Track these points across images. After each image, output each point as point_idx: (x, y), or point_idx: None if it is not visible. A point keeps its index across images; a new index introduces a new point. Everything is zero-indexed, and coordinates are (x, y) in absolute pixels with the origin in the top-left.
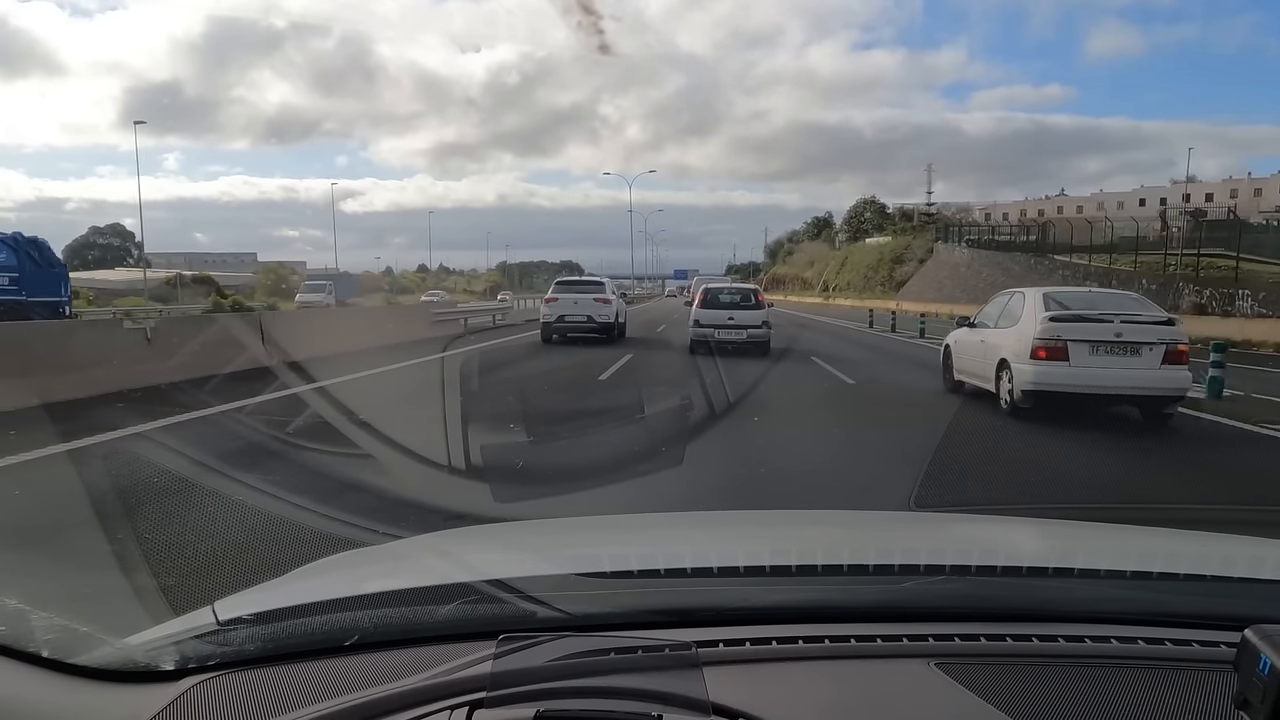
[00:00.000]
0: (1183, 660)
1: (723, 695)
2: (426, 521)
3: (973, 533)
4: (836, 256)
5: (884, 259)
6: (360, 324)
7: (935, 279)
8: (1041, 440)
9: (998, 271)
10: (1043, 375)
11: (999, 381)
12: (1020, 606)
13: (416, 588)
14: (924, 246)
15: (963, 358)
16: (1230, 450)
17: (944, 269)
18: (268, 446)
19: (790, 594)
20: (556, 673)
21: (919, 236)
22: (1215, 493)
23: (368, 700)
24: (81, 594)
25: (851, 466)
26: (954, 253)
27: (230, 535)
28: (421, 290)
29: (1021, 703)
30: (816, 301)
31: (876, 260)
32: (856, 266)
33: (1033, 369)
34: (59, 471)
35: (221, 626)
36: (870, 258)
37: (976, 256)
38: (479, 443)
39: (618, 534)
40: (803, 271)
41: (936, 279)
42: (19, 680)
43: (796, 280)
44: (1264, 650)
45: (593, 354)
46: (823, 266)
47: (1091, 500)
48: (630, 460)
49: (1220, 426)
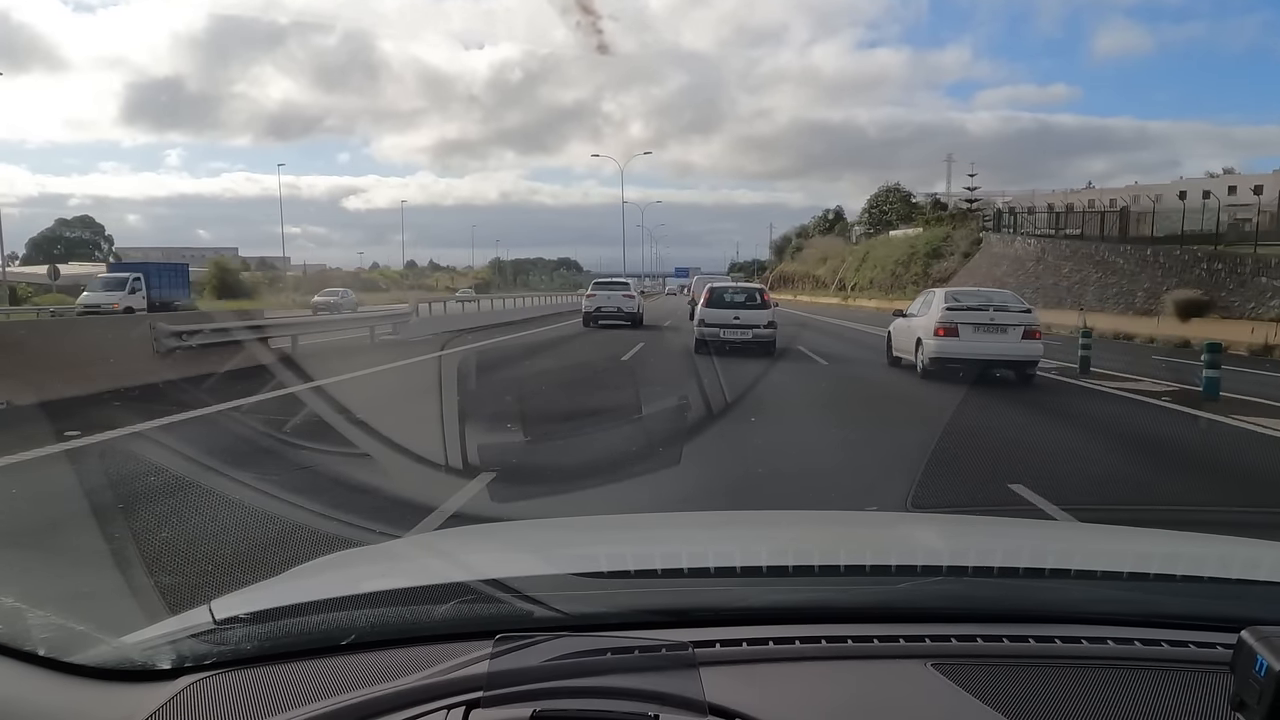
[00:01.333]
0: (1179, 661)
1: (719, 695)
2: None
3: (969, 533)
4: (855, 252)
5: (916, 253)
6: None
7: (990, 275)
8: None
9: (1086, 265)
10: (942, 347)
11: (916, 354)
12: (1017, 607)
13: (413, 587)
14: (967, 238)
15: (897, 340)
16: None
17: (1002, 263)
18: None
19: (787, 594)
20: (553, 673)
21: (961, 227)
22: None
23: (364, 700)
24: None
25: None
26: (1013, 245)
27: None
28: (397, 287)
29: (1018, 704)
30: (832, 302)
31: (907, 254)
32: (881, 262)
33: (936, 343)
34: None
35: (218, 625)
36: (898, 252)
37: (1049, 248)
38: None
39: (615, 534)
40: (814, 269)
41: (993, 275)
42: (15, 679)
43: (807, 278)
44: (1260, 652)
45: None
46: (838, 263)
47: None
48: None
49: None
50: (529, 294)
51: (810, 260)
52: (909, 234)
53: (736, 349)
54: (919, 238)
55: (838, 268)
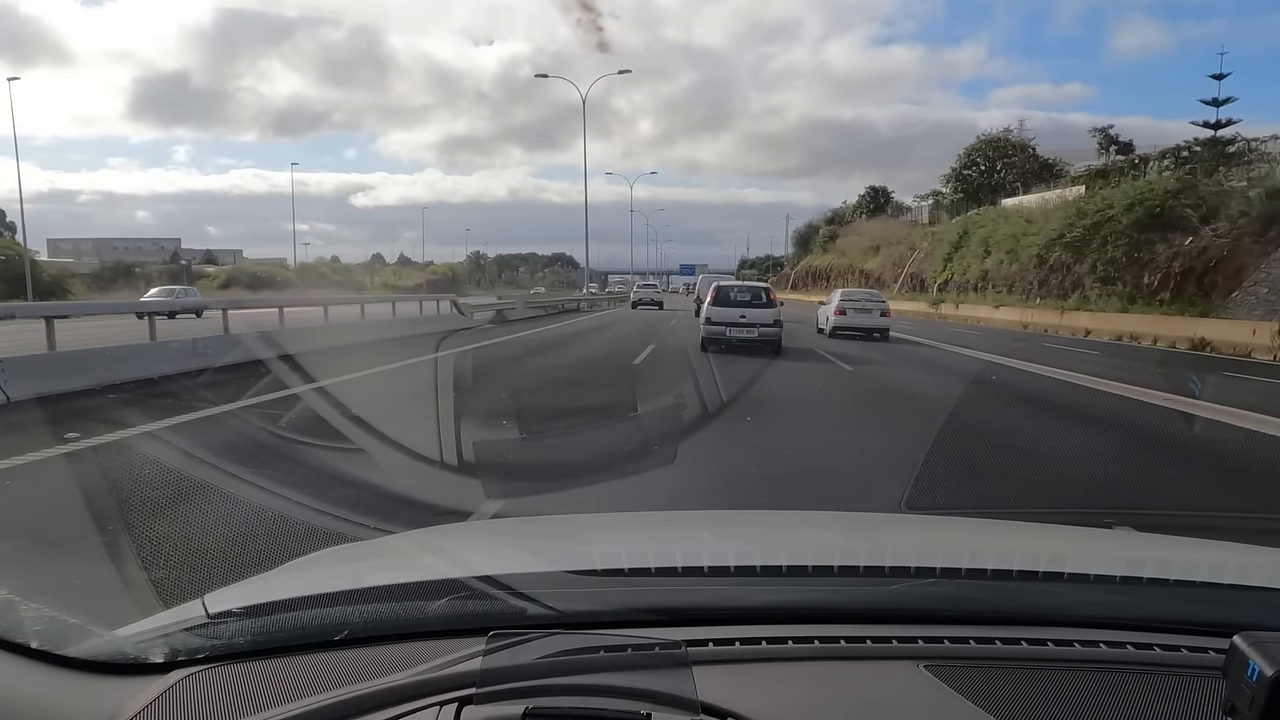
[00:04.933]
0: (1171, 666)
1: (712, 694)
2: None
3: (964, 535)
4: (935, 235)
5: (1117, 229)
6: None
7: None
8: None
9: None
10: (838, 321)
11: (826, 324)
12: (1010, 610)
13: (407, 583)
14: (1238, 199)
15: (819, 319)
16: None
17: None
18: None
19: (781, 594)
20: (546, 670)
21: (1217, 175)
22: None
23: (357, 695)
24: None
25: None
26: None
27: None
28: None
29: (1010, 706)
30: (908, 309)
31: (1083, 232)
32: (1004, 244)
33: (834, 319)
34: None
35: (211, 619)
36: (1049, 227)
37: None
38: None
39: (609, 532)
40: (861, 260)
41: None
42: (8, 671)
43: (850, 274)
44: (1252, 657)
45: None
46: (903, 251)
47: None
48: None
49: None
50: (423, 298)
51: (853, 251)
52: (1067, 195)
53: (743, 347)
54: (1091, 201)
55: (903, 258)
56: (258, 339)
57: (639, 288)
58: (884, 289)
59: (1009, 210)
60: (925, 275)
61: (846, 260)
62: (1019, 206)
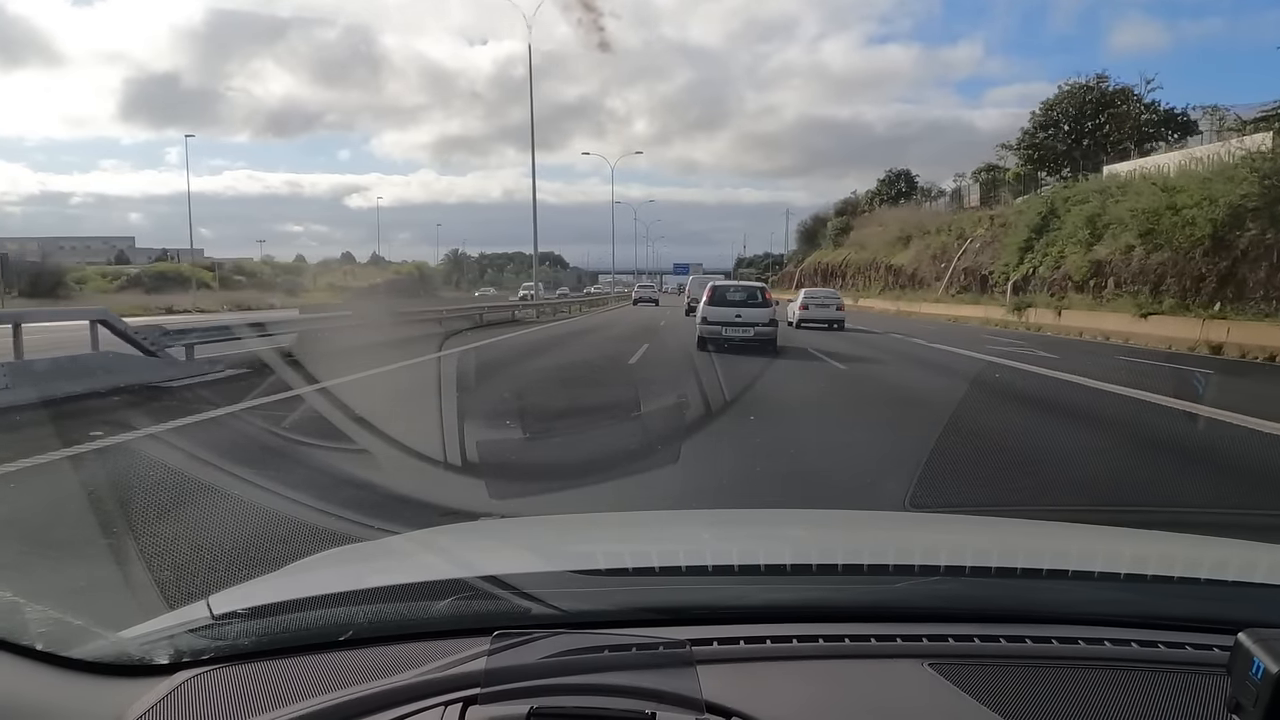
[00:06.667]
0: (1176, 663)
1: (716, 694)
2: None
3: (967, 533)
4: (1007, 218)
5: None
6: None
7: None
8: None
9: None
10: (801, 315)
11: (792, 318)
12: (1014, 607)
13: (411, 583)
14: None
15: (786, 313)
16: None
17: None
18: None
19: (784, 593)
20: (550, 670)
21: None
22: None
23: (361, 695)
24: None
25: None
26: None
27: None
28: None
29: (1014, 704)
30: (983, 315)
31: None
32: (1126, 224)
33: (799, 313)
34: None
35: (215, 621)
36: (1222, 193)
37: None
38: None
39: (612, 531)
40: (888, 254)
41: None
42: (12, 673)
43: (872, 270)
44: (1257, 654)
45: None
46: (945, 241)
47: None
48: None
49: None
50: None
51: (874, 243)
52: (1226, 151)
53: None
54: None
55: (948, 249)
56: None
57: (639, 288)
58: (924, 289)
59: (1124, 179)
60: (986, 270)
61: (867, 254)
62: (1147, 172)
